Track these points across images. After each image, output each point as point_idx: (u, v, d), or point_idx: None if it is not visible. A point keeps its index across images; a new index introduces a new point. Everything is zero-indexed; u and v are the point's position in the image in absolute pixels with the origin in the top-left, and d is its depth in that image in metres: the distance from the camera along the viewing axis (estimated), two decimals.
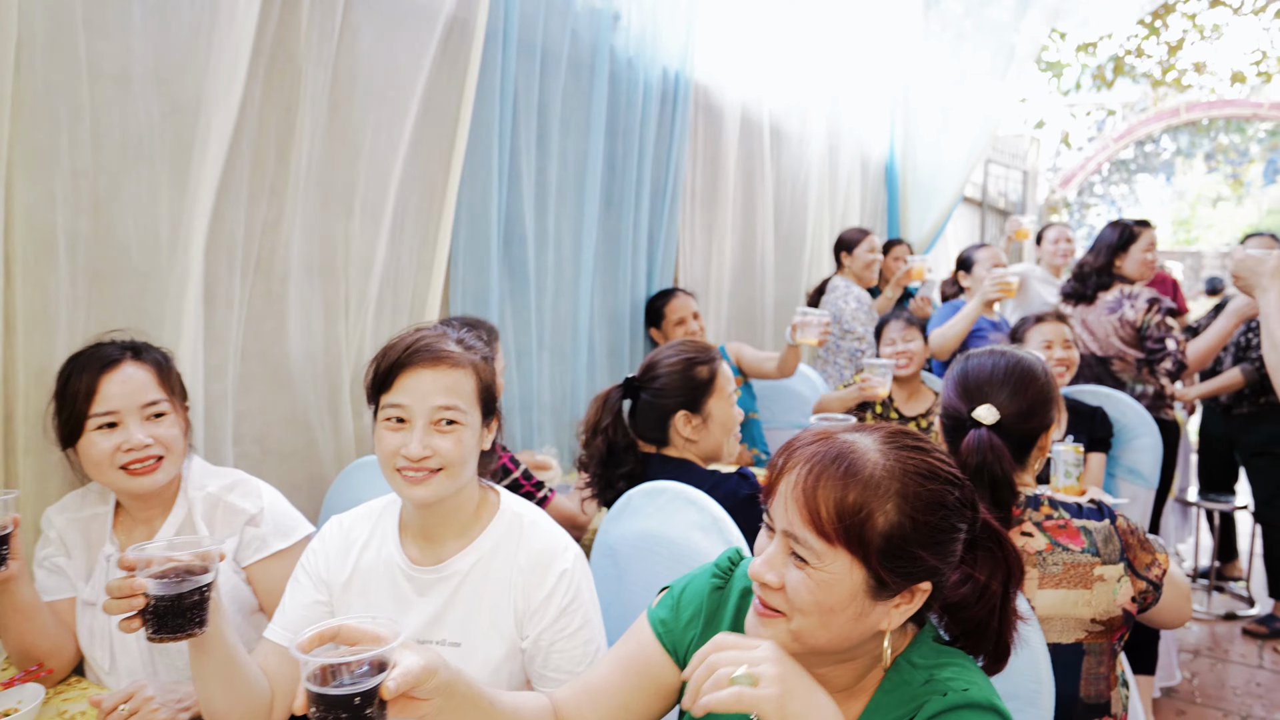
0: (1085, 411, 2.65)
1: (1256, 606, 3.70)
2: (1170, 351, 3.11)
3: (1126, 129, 8.04)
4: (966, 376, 1.54)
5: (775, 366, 3.07)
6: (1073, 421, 2.66)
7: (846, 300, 3.74)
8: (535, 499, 1.94)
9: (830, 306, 3.75)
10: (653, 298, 3.15)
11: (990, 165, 7.27)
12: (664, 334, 3.10)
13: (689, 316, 3.08)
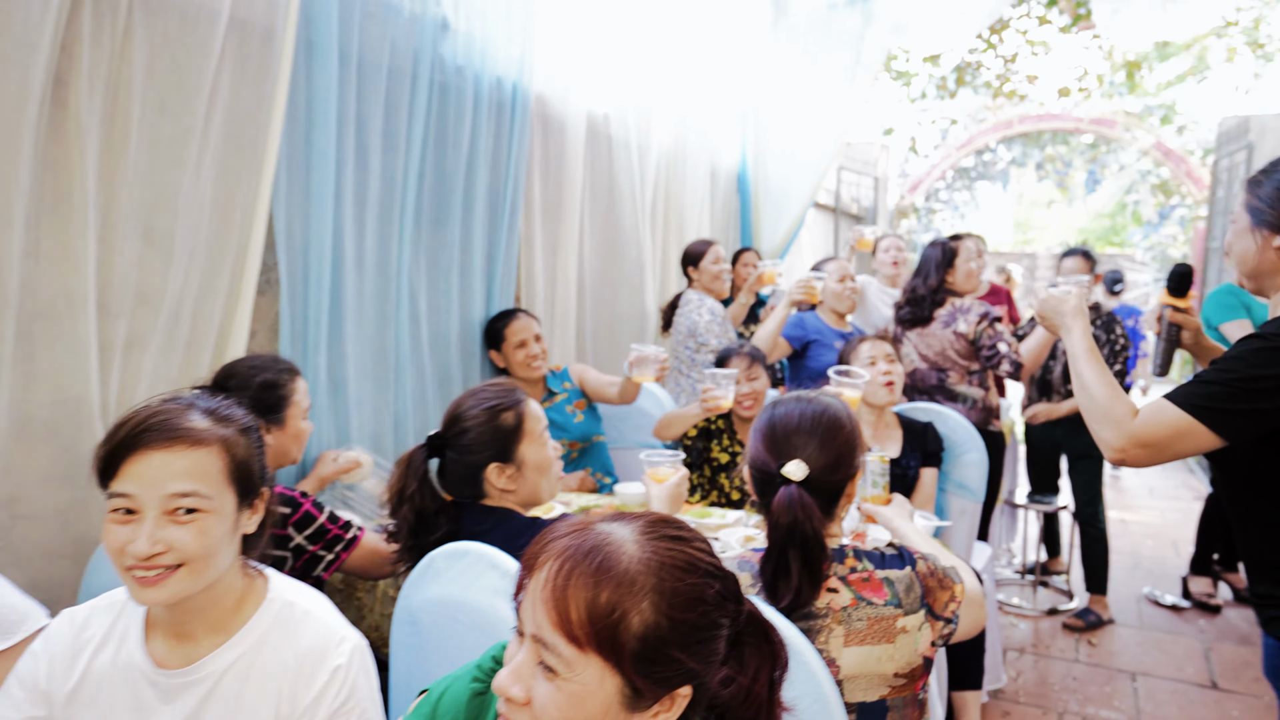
0: (917, 429, 2.73)
1: (1075, 600, 3.94)
2: (1004, 354, 3.24)
3: (967, 138, 8.47)
4: (774, 428, 1.50)
5: (616, 393, 3.00)
6: (906, 438, 2.73)
7: (700, 313, 3.72)
8: (345, 540, 1.78)
9: (684, 320, 3.73)
10: (492, 319, 3.02)
11: (843, 172, 7.49)
12: (504, 357, 2.98)
13: (530, 339, 2.97)
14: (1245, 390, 1.37)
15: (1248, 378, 1.37)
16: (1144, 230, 8.23)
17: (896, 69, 10.63)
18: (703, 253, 3.83)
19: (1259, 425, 1.39)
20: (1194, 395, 1.41)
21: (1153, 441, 1.44)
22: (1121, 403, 1.49)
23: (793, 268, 6.54)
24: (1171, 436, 1.42)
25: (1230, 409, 1.39)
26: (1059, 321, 1.73)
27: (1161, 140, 7.68)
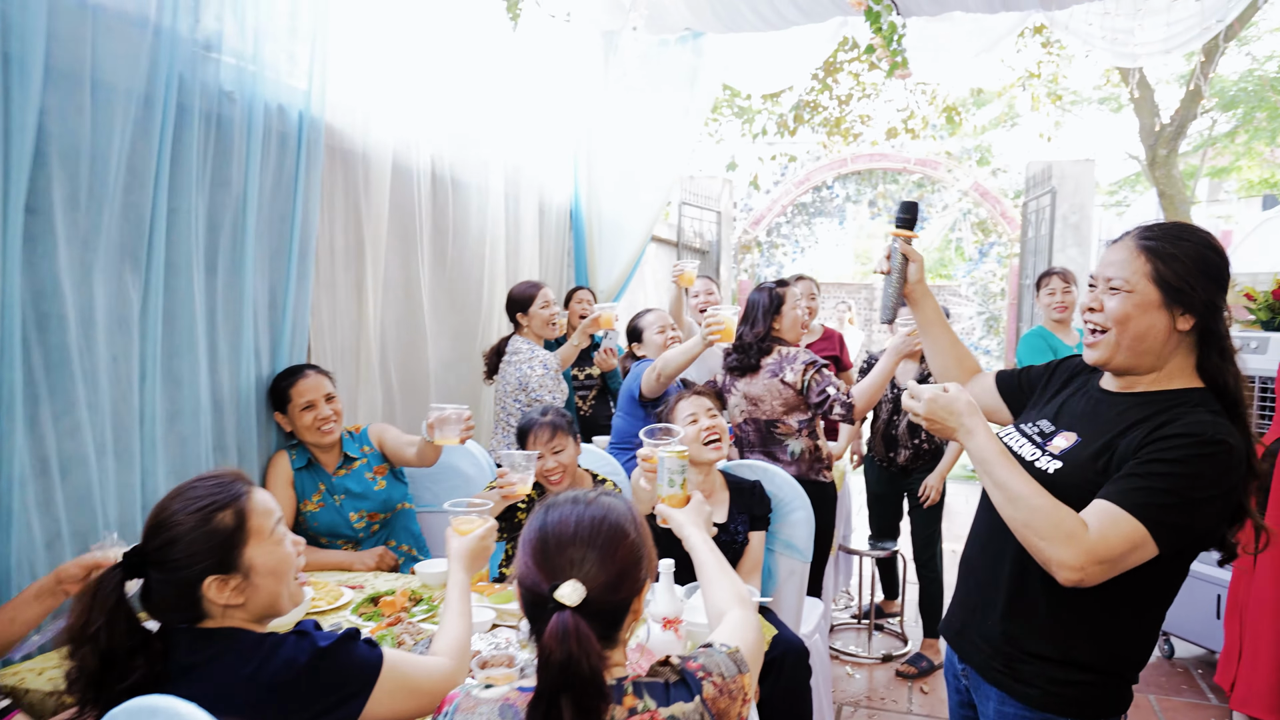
0: (745, 488, 2.59)
1: (910, 644, 3.93)
2: (834, 397, 3.14)
3: (805, 175, 8.68)
4: (545, 539, 1.27)
5: (414, 455, 2.71)
6: (733, 499, 2.57)
7: (532, 367, 3.47)
8: None
9: (514, 372, 3.47)
10: (276, 378, 2.66)
11: (685, 206, 7.47)
12: (291, 419, 2.63)
13: (320, 399, 2.64)
14: (1197, 505, 1.30)
15: (1205, 498, 1.30)
16: (967, 266, 8.66)
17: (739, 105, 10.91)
18: (531, 297, 3.60)
19: (1186, 540, 1.33)
20: (1150, 507, 1.29)
21: (1111, 557, 1.29)
22: (1068, 513, 1.32)
23: (634, 304, 6.42)
24: (1127, 550, 1.29)
25: (1179, 524, 1.30)
26: (954, 424, 1.45)
27: (979, 182, 8.13)
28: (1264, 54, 11.27)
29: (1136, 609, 1.42)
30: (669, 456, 1.85)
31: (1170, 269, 1.36)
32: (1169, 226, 1.41)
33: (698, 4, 4.05)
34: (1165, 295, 1.36)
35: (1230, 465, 1.30)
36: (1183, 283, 1.35)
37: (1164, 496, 1.29)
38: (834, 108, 9.10)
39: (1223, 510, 1.33)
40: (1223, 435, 1.31)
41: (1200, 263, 1.36)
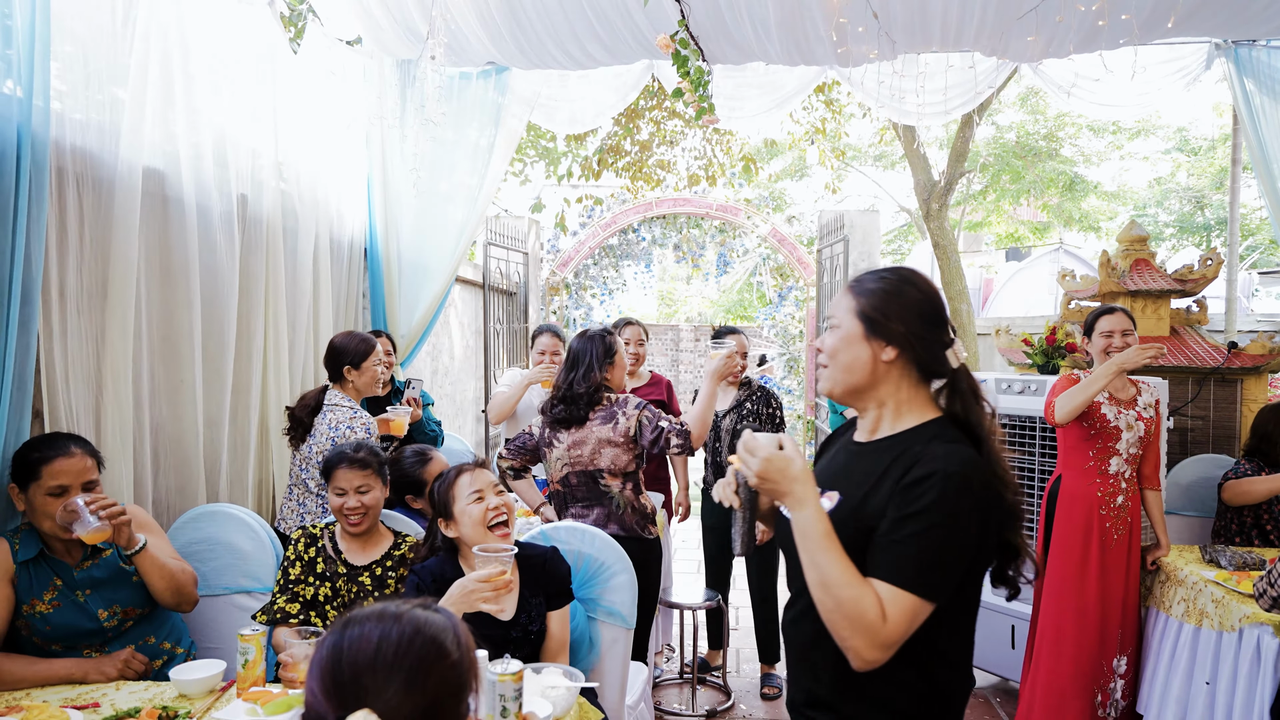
0: (535, 564, 2.29)
1: (733, 697, 3.84)
2: (668, 430, 2.99)
3: (612, 218, 8.70)
4: (339, 661, 1.00)
5: (166, 586, 2.33)
6: (523, 581, 2.27)
7: (353, 428, 3.07)
8: None
9: (330, 432, 3.05)
10: (28, 445, 2.18)
11: (491, 247, 7.22)
12: (30, 500, 2.14)
13: (77, 487, 2.15)
14: (953, 547, 1.32)
15: (960, 534, 1.31)
16: (768, 309, 8.99)
17: (544, 146, 10.83)
18: (365, 352, 3.23)
19: (957, 580, 1.35)
20: (916, 575, 1.30)
21: (896, 639, 1.30)
22: (869, 603, 1.29)
23: (438, 349, 6.05)
24: (910, 624, 1.30)
25: (945, 574, 1.32)
26: (786, 489, 1.36)
27: (776, 229, 8.49)
28: (1006, 124, 12.76)
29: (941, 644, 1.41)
30: (502, 680, 1.61)
31: (868, 303, 1.44)
32: (878, 269, 1.50)
33: (500, 38, 3.87)
34: (865, 328, 1.44)
35: (971, 492, 1.32)
36: (878, 314, 1.43)
37: (924, 556, 1.30)
38: (636, 153, 9.23)
39: (982, 534, 1.34)
40: (956, 466, 1.32)
41: (898, 297, 1.44)
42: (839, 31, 3.50)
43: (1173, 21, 3.06)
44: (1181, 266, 4.17)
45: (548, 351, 4.18)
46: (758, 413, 3.90)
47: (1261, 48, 4.05)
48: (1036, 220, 15.92)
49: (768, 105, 4.95)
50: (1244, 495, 3.39)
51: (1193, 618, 2.99)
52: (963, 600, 1.41)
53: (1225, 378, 3.99)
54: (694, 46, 3.75)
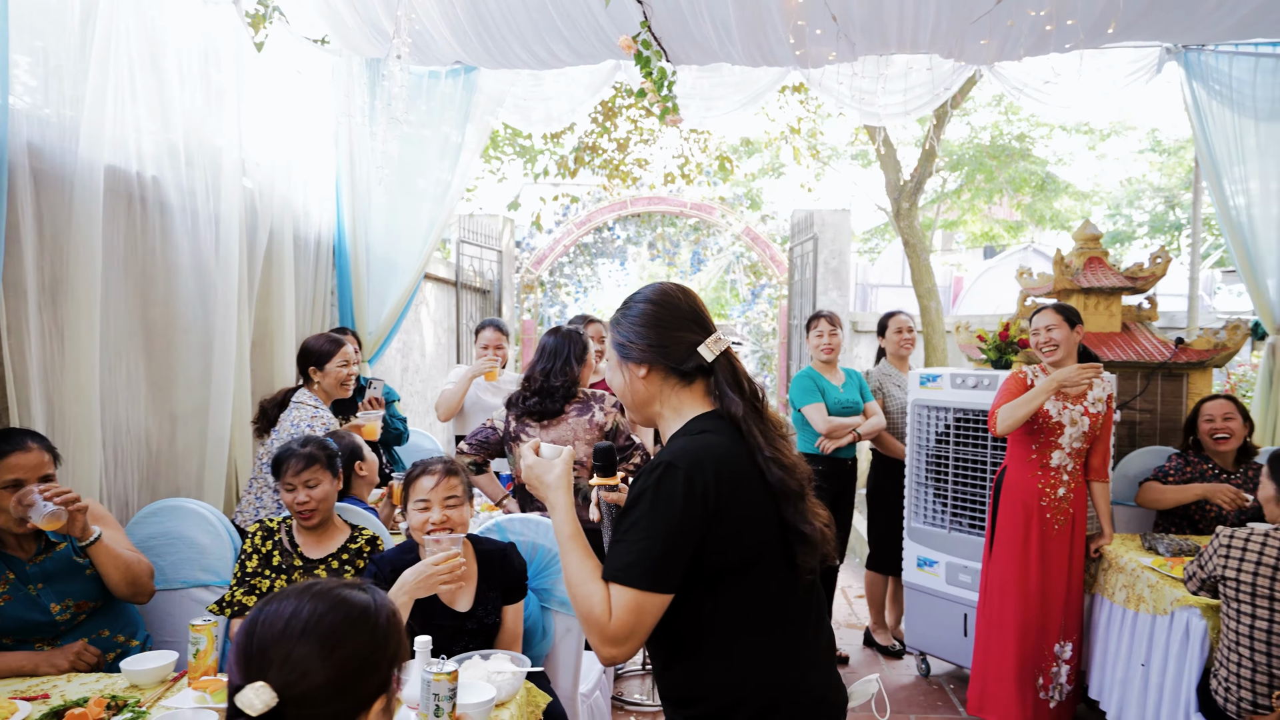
0: (494, 558, 2.34)
1: None
2: (639, 445, 3.17)
3: (587, 216, 8.75)
4: (252, 634, 1.06)
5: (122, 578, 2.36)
6: (481, 575, 2.31)
7: (313, 426, 3.12)
8: None
9: (293, 430, 3.10)
10: None
11: (464, 245, 7.25)
12: None
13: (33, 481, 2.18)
14: (666, 536, 1.32)
15: (675, 531, 1.32)
16: (741, 306, 9.07)
17: (521, 145, 10.86)
18: (330, 353, 3.29)
19: (684, 571, 1.35)
20: (630, 568, 1.31)
21: (624, 634, 1.32)
22: (598, 599, 1.33)
23: (408, 345, 6.09)
24: (634, 618, 1.31)
25: (665, 564, 1.32)
26: (543, 493, 1.50)
27: (750, 227, 8.57)
28: (980, 124, 12.90)
29: (719, 642, 1.39)
30: (435, 678, 1.65)
31: (616, 332, 1.53)
32: (631, 296, 1.56)
33: (466, 38, 3.92)
34: (619, 355, 1.52)
35: (676, 479, 1.33)
36: (624, 339, 1.51)
37: (635, 548, 1.32)
38: (613, 151, 9.29)
39: (702, 519, 1.33)
40: (665, 457, 1.36)
41: (630, 318, 1.51)
42: (797, 34, 3.57)
43: (1114, 27, 3.16)
44: (1133, 264, 4.27)
45: (491, 345, 4.25)
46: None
47: (1210, 52, 4.16)
48: (1011, 219, 16.10)
49: (741, 101, 5.01)
50: (1155, 502, 3.51)
51: (1132, 603, 3.09)
52: (727, 596, 1.37)
53: (1172, 372, 4.11)
54: (656, 47, 3.81)
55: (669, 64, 4.07)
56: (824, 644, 1.51)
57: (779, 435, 1.46)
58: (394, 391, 4.33)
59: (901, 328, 4.36)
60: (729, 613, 1.37)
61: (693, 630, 1.38)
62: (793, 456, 1.44)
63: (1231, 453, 3.48)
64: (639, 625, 1.31)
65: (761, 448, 1.40)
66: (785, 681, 1.39)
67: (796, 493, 1.40)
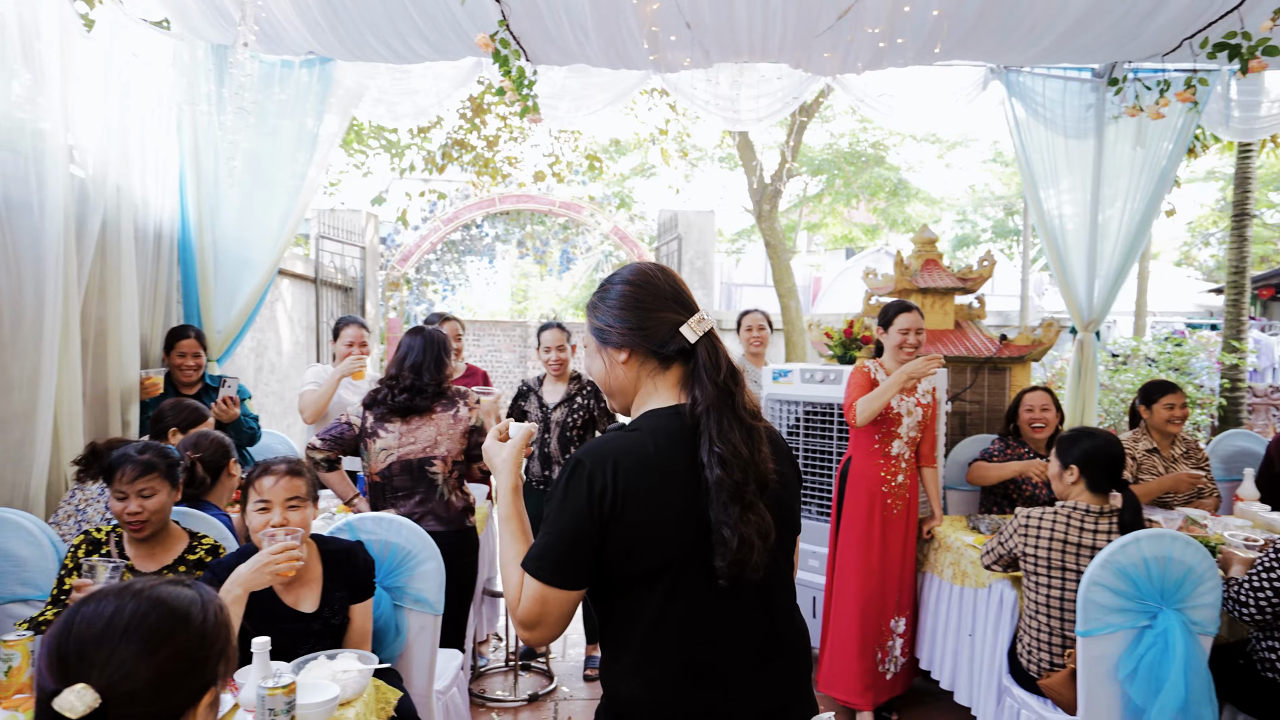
0: (340, 558, 2.31)
1: (556, 680, 3.95)
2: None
3: (454, 213, 8.63)
4: (68, 636, 1.03)
5: None
6: (326, 576, 2.28)
7: None
8: None
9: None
10: None
11: (324, 240, 7.02)
12: None
13: None
14: (564, 534, 1.30)
15: (569, 525, 1.29)
16: None
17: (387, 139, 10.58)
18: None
19: (584, 572, 1.31)
20: (532, 558, 1.32)
21: (530, 620, 1.31)
22: (515, 583, 1.35)
23: (264, 344, 5.85)
24: (539, 607, 1.30)
25: (562, 560, 1.29)
26: (492, 466, 1.53)
27: (618, 226, 8.69)
28: (839, 131, 13.55)
29: (621, 646, 1.36)
30: (269, 694, 1.62)
31: (594, 317, 1.47)
32: (609, 279, 1.50)
33: (318, 28, 3.82)
34: (597, 340, 1.46)
35: (582, 477, 1.29)
36: (602, 324, 1.44)
37: (542, 541, 1.31)
38: (483, 148, 9.19)
39: (602, 518, 1.28)
40: (579, 454, 1.32)
41: (607, 301, 1.44)
42: (651, 40, 3.67)
43: (940, 48, 3.43)
44: (964, 267, 4.62)
45: (355, 343, 4.17)
46: (588, 406, 4.03)
47: (1027, 73, 4.55)
48: (868, 223, 16.97)
49: (607, 100, 5.06)
50: (981, 479, 3.85)
51: (958, 578, 3.35)
52: (635, 602, 1.32)
53: (997, 366, 4.47)
54: (515, 46, 3.83)
55: (529, 63, 4.10)
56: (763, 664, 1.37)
57: (748, 423, 1.35)
58: (246, 389, 4.16)
59: (753, 326, 4.56)
60: (635, 619, 1.32)
61: (608, 628, 1.37)
62: (749, 451, 1.32)
63: (1045, 439, 3.83)
64: (545, 615, 1.30)
65: (712, 441, 1.30)
66: (660, 707, 1.32)
67: (732, 491, 1.28)
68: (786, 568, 1.45)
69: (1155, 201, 4.67)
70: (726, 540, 1.27)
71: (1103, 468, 2.68)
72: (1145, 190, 4.64)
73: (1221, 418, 6.45)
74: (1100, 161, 4.65)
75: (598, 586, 1.34)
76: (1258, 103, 4.77)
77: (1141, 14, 3.58)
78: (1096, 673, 2.46)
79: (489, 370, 13.55)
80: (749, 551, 1.27)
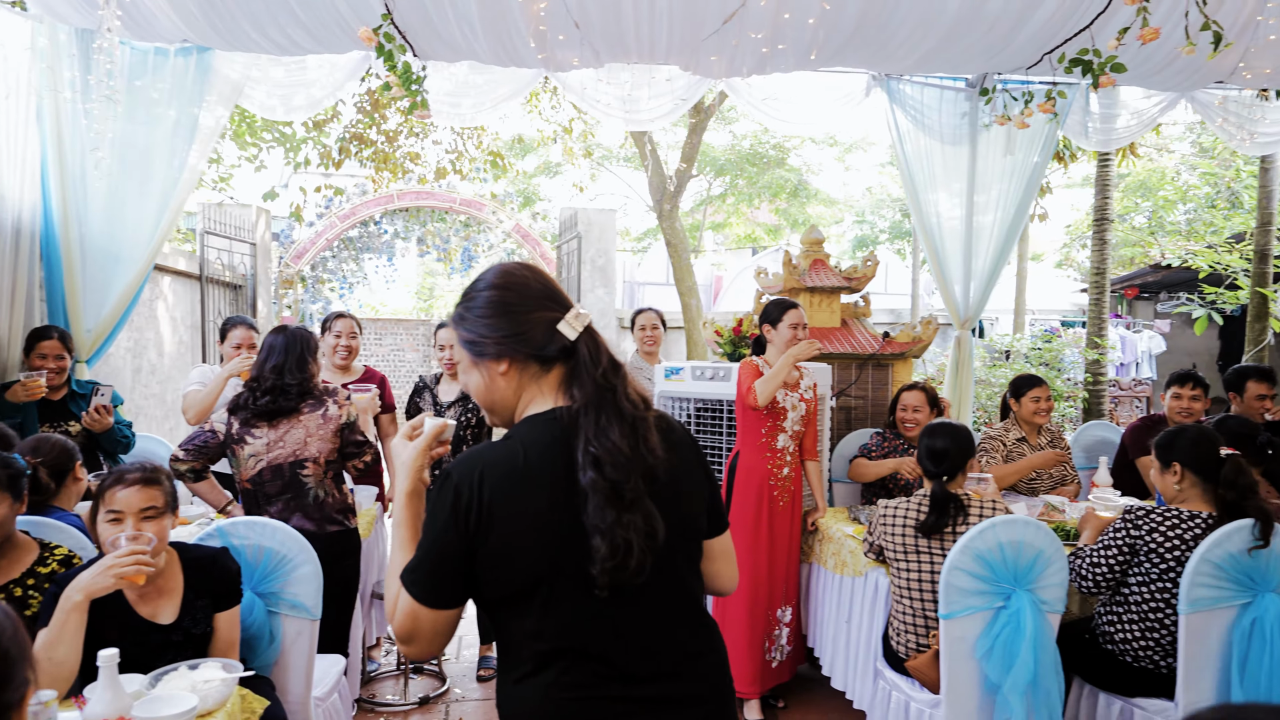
0: (205, 563, 2.24)
1: (448, 682, 3.92)
2: (370, 443, 3.15)
3: (351, 209, 8.42)
4: None
5: None
6: (187, 585, 2.20)
7: None
8: None
9: None
10: None
11: (209, 236, 6.75)
12: None
13: None
14: (431, 549, 1.23)
15: (441, 544, 1.22)
16: None
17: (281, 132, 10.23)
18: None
19: (456, 589, 1.24)
20: (409, 572, 1.24)
21: (407, 636, 1.24)
22: (390, 596, 1.28)
23: (143, 344, 5.59)
24: (414, 624, 1.23)
25: (426, 576, 1.23)
26: (394, 466, 1.42)
27: (520, 224, 8.64)
28: (741, 133, 13.80)
29: (509, 660, 1.30)
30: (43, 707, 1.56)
31: (463, 329, 1.36)
32: (472, 285, 1.39)
33: (190, 16, 3.66)
34: (471, 354, 1.35)
35: (449, 490, 1.23)
36: (474, 335, 1.33)
37: (415, 557, 1.25)
38: (382, 143, 8.99)
39: (465, 532, 1.21)
40: (450, 467, 1.25)
41: (487, 308, 1.33)
42: (539, 38, 3.67)
43: (815, 55, 3.55)
44: (849, 266, 4.79)
45: (244, 344, 4.04)
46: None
47: (907, 81, 4.75)
48: (771, 223, 17.35)
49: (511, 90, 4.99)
50: (860, 476, 4.02)
51: (839, 568, 3.48)
52: (515, 618, 1.25)
53: (880, 362, 4.65)
54: (401, 41, 3.76)
55: (417, 59, 4.04)
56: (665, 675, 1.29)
57: (631, 416, 1.27)
58: (119, 396, 3.98)
59: (647, 325, 4.61)
60: (519, 634, 1.25)
61: (499, 641, 1.31)
62: (629, 446, 1.24)
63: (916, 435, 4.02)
64: (417, 631, 1.23)
65: (589, 441, 1.22)
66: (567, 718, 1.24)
67: (607, 493, 1.20)
68: (686, 566, 1.36)
69: (1025, 206, 4.94)
70: (597, 547, 1.19)
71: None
72: (1015, 195, 4.91)
73: (1085, 410, 6.88)
74: (974, 167, 4.89)
75: (481, 600, 1.28)
76: (1116, 115, 5.11)
77: (1006, 29, 3.78)
78: (957, 653, 2.60)
79: (393, 369, 13.26)
80: (626, 556, 1.19)
